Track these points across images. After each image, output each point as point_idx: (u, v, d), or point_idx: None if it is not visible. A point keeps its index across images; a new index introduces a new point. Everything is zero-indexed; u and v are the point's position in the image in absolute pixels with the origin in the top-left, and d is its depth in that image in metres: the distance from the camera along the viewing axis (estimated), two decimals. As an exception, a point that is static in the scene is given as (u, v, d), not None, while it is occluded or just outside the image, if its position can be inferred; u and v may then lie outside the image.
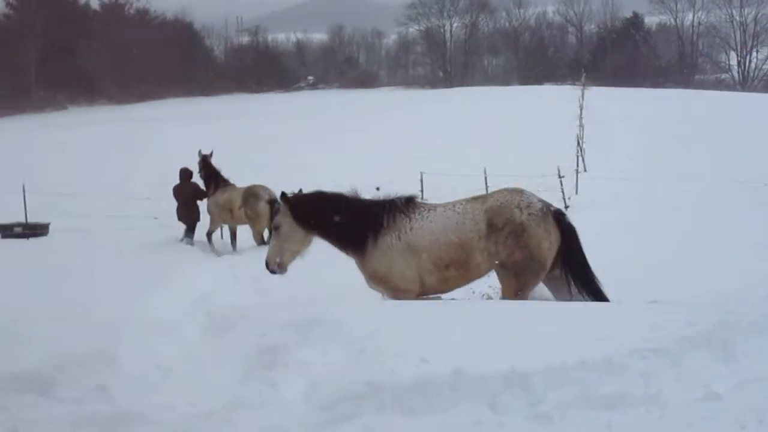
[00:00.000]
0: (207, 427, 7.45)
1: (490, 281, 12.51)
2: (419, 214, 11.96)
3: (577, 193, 32.41)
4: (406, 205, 12.08)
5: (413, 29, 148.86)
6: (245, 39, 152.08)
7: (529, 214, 11.51)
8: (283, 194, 12.45)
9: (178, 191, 25.37)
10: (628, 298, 11.71)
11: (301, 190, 12.55)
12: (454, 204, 12.11)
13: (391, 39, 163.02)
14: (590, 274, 11.87)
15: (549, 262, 11.64)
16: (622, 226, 24.21)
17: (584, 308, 10.19)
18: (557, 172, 31.59)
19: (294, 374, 8.46)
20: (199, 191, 25.21)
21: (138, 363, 8.72)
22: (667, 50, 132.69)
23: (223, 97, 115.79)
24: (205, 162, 25.18)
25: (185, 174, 25.45)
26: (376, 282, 12.07)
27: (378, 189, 31.59)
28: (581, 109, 40.27)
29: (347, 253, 12.29)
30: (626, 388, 7.68)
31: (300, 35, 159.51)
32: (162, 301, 12.84)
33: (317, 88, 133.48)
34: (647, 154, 41.32)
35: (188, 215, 25.18)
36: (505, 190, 12.12)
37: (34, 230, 27.80)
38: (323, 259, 12.50)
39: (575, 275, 11.81)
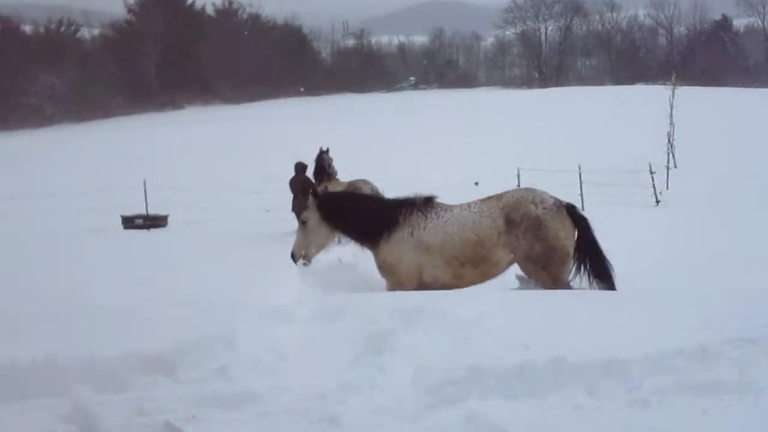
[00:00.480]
0: (320, 408, 7.45)
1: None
2: (435, 214, 12.14)
3: (668, 188, 31.96)
4: (424, 204, 12.26)
5: (510, 32, 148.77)
6: (351, 42, 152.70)
7: (543, 209, 11.68)
8: (313, 192, 12.95)
9: (292, 183, 25.51)
10: (718, 290, 11.51)
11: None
12: (469, 204, 12.25)
13: (488, 41, 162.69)
14: (605, 263, 11.92)
15: (571, 250, 11.78)
16: (712, 220, 23.86)
17: (679, 297, 10.04)
18: (648, 168, 31.24)
19: (401, 359, 8.45)
20: (309, 183, 25.35)
21: (255, 346, 8.77)
22: (755, 51, 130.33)
23: (330, 96, 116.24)
24: (319, 156, 25.38)
25: (299, 167, 25.59)
26: (384, 270, 12.31)
27: (477, 184, 31.69)
28: (671, 108, 39.69)
29: (364, 246, 12.61)
30: (721, 376, 7.54)
31: (402, 38, 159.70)
32: (273, 288, 12.94)
33: (418, 89, 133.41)
34: (737, 151, 40.62)
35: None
36: (518, 189, 12.67)
37: (154, 222, 28.26)
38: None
39: (591, 265, 11.92)
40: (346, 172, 25.45)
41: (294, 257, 12.76)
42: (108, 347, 8.38)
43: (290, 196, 25.54)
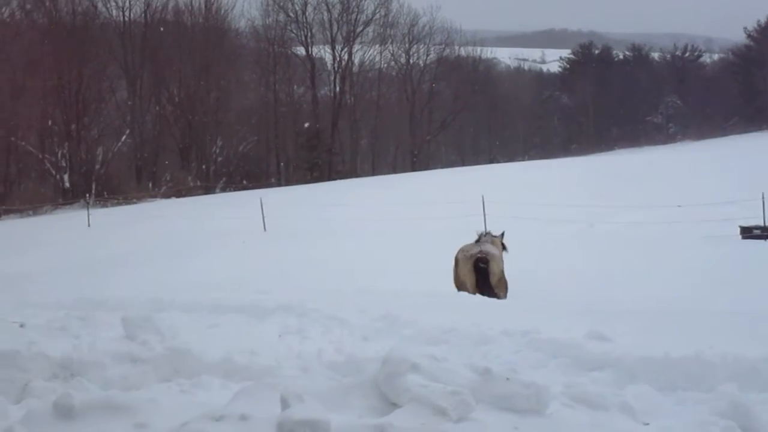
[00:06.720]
0: None
1: None
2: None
3: None
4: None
5: None
6: None
7: (462, 256, 17.44)
8: None
9: None
10: None
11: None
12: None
13: None
14: (491, 293, 16.35)
15: (468, 281, 17.06)
16: None
17: None
18: None
19: None
20: None
21: None
22: None
23: None
24: None
25: None
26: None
27: None
28: None
29: None
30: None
31: None
32: None
33: None
34: None
35: None
36: (469, 243, 18.02)
37: (769, 232, 27.32)
38: None
39: (482, 291, 16.50)
40: None
41: None
42: (750, 348, 8.22)
43: None
